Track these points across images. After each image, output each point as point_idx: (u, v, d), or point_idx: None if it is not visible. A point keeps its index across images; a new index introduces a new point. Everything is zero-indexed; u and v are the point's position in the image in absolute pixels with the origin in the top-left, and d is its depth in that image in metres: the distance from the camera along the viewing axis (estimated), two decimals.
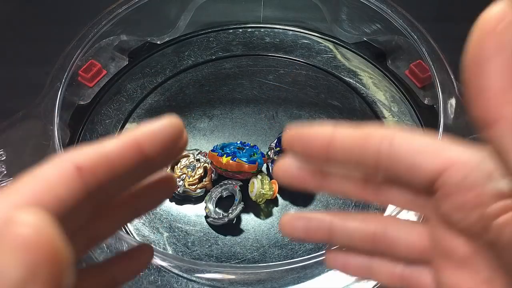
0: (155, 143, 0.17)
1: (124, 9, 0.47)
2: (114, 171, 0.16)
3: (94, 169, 0.16)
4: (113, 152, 0.16)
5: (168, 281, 0.37)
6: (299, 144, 0.19)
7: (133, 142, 0.17)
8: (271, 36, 0.55)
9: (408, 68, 0.49)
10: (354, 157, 0.18)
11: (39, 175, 0.15)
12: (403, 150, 0.18)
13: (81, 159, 0.15)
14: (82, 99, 0.49)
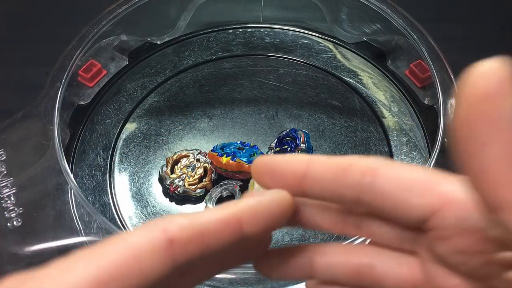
0: (258, 223, 0.16)
1: (124, 9, 0.47)
2: (207, 247, 0.15)
3: (187, 244, 0.14)
4: (210, 227, 0.15)
5: None
6: (270, 177, 0.18)
7: (233, 219, 0.15)
8: (271, 36, 0.55)
9: (408, 68, 0.49)
10: (331, 193, 0.17)
11: (130, 241, 0.14)
12: (388, 185, 0.16)
13: (175, 230, 0.14)
14: (82, 99, 0.49)
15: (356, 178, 0.16)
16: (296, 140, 0.42)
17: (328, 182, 0.17)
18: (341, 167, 0.16)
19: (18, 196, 0.38)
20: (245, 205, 0.15)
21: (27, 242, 0.36)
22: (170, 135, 0.47)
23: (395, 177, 0.16)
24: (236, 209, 0.15)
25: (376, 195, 0.16)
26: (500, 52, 0.40)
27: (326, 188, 0.17)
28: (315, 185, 0.17)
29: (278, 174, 0.17)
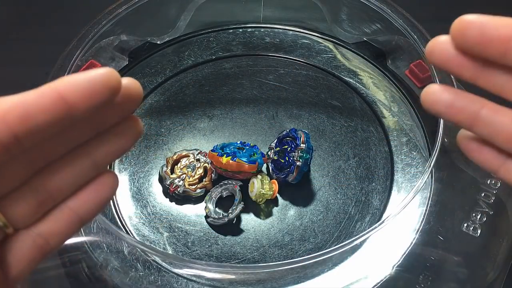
0: (80, 95, 0.15)
1: (124, 9, 0.47)
2: (32, 123, 0.15)
3: (7, 120, 0.15)
4: (29, 102, 0.15)
5: (168, 281, 0.37)
6: (475, 36, 0.17)
7: (52, 91, 0.15)
8: (271, 36, 0.55)
9: (408, 68, 0.49)
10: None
11: None
12: None
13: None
14: None
15: None
16: (296, 140, 0.42)
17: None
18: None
19: None
20: (64, 79, 0.16)
21: None
22: (170, 135, 0.47)
23: None
24: (55, 83, 0.16)
25: None
26: None
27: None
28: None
29: (486, 33, 0.17)
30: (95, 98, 0.16)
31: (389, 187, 0.43)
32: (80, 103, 0.16)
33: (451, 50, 0.18)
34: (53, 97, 0.15)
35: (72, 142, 0.18)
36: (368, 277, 0.37)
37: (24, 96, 0.15)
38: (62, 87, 0.15)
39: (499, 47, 0.17)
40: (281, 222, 0.42)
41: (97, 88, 0.16)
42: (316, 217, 0.42)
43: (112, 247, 0.38)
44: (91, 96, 0.16)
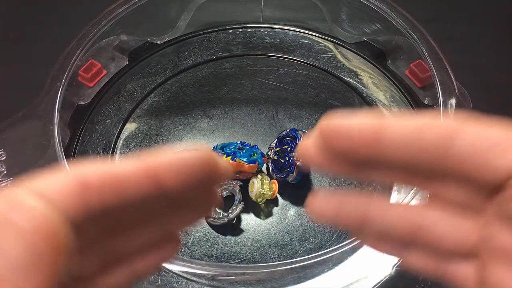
0: (175, 177, 0.15)
1: (124, 9, 0.47)
2: (123, 197, 0.15)
3: (101, 191, 0.14)
4: (124, 177, 0.15)
5: (168, 281, 0.37)
6: (339, 139, 0.17)
7: (149, 170, 0.15)
8: (271, 36, 0.55)
9: (408, 68, 0.49)
10: (406, 155, 0.16)
11: (39, 184, 0.14)
12: (469, 146, 0.15)
13: (89, 176, 0.14)
14: (82, 99, 0.49)
15: (434, 139, 0.15)
16: (296, 140, 0.42)
17: (403, 144, 0.16)
18: (417, 128, 0.16)
19: None
20: (162, 158, 0.15)
21: None
22: (170, 135, 0.47)
23: (477, 137, 0.15)
24: (153, 160, 0.15)
25: (455, 157, 0.15)
26: (500, 52, 0.40)
27: (400, 150, 0.16)
28: (388, 148, 0.16)
29: (349, 135, 0.16)
30: (189, 181, 0.16)
31: (389, 187, 0.43)
32: (174, 185, 0.16)
33: (323, 153, 0.18)
34: (148, 176, 0.15)
35: (151, 212, 0.18)
36: (368, 277, 0.37)
37: (119, 169, 0.15)
38: (158, 167, 0.15)
39: (366, 149, 0.16)
40: (281, 222, 0.42)
41: (194, 173, 0.16)
42: None
43: None
44: (186, 180, 0.16)
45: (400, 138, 0.16)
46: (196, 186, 0.16)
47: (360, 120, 0.16)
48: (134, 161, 0.15)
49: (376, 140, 0.16)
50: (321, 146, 0.17)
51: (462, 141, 0.15)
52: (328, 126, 0.17)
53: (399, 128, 0.16)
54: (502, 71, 0.55)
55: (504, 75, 0.54)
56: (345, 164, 0.18)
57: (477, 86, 0.49)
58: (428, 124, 0.16)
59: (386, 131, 0.16)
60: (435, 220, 0.18)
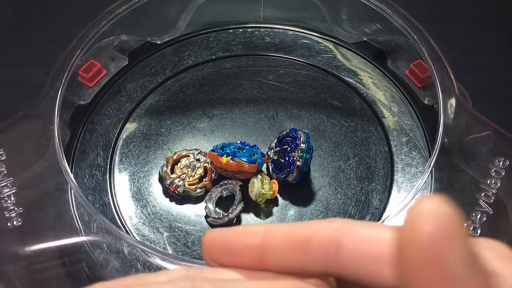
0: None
1: (124, 9, 0.47)
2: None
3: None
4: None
5: None
6: (224, 256, 0.16)
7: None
8: (271, 36, 0.55)
9: (408, 68, 0.49)
10: (294, 268, 0.15)
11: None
12: (354, 257, 0.15)
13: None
14: (82, 99, 0.49)
15: (319, 252, 0.15)
16: (296, 140, 0.42)
17: (289, 257, 0.15)
18: (300, 240, 0.15)
19: (18, 196, 0.38)
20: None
21: (27, 242, 0.36)
22: (170, 135, 0.47)
23: (361, 247, 0.15)
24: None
25: (342, 268, 0.15)
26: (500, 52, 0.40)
27: (288, 263, 0.15)
28: (275, 261, 0.16)
29: (233, 251, 0.16)
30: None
31: (389, 187, 0.43)
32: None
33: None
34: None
35: None
36: None
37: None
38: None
39: (252, 262, 0.16)
40: (281, 222, 0.42)
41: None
42: (316, 217, 0.42)
43: (112, 247, 0.38)
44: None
45: (285, 250, 0.15)
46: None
47: (242, 233, 0.16)
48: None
49: (262, 255, 0.16)
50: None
51: (346, 252, 0.15)
52: (212, 241, 0.16)
53: (283, 239, 0.15)
54: (502, 71, 0.55)
55: (504, 75, 0.54)
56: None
57: (477, 86, 0.49)
58: (311, 233, 0.15)
59: (270, 245, 0.15)
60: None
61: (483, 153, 0.39)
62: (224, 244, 0.16)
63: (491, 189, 0.37)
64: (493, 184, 0.37)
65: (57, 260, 0.37)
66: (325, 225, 0.15)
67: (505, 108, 0.51)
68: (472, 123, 0.40)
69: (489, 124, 0.40)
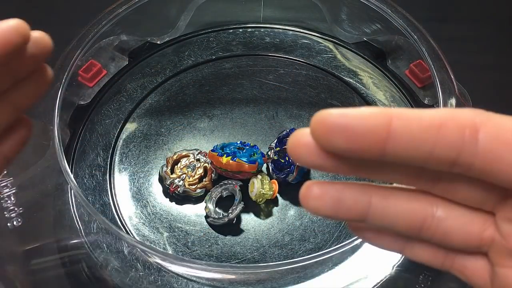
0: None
1: (124, 9, 0.47)
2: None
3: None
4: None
5: (168, 281, 0.37)
6: (342, 138, 0.14)
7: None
8: (271, 36, 0.55)
9: (408, 68, 0.49)
10: (421, 154, 0.14)
11: None
12: (494, 144, 0.14)
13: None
14: (82, 99, 0.49)
15: (454, 137, 0.14)
16: None
17: (419, 142, 0.14)
18: (434, 122, 0.14)
19: (18, 196, 0.38)
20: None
21: (27, 242, 0.36)
22: (170, 135, 0.47)
23: (501, 134, 0.14)
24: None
25: (478, 156, 0.14)
26: (500, 52, 0.40)
27: (416, 149, 0.14)
28: (401, 146, 0.14)
29: (354, 133, 0.14)
30: (8, 46, 0.18)
31: None
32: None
33: (319, 150, 0.15)
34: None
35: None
36: (368, 277, 0.37)
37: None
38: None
39: (373, 149, 0.14)
40: (281, 222, 0.42)
41: (9, 36, 0.18)
42: (316, 217, 0.42)
43: (112, 247, 0.38)
44: (5, 44, 0.18)
45: (415, 133, 0.14)
46: (17, 52, 0.19)
47: (367, 111, 0.14)
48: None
49: (387, 136, 0.14)
50: (316, 145, 0.15)
51: (486, 137, 0.14)
52: (328, 121, 0.15)
53: (413, 122, 0.14)
54: (502, 71, 0.55)
55: (504, 75, 0.54)
56: (345, 164, 0.16)
57: (477, 86, 0.49)
58: (446, 116, 0.14)
59: (398, 125, 0.14)
60: (443, 214, 0.16)
61: None
62: (345, 125, 0.14)
63: None
64: None
65: (57, 260, 0.37)
66: (462, 111, 0.14)
67: (505, 108, 0.51)
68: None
69: None
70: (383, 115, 0.14)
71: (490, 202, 0.16)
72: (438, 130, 0.14)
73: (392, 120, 0.14)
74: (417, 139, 0.14)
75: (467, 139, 0.14)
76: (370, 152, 0.14)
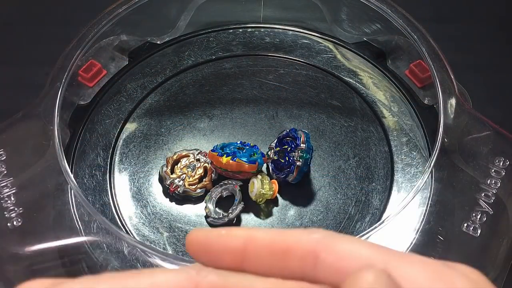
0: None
1: (124, 9, 0.47)
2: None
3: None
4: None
5: None
6: (206, 256, 0.17)
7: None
8: (271, 36, 0.55)
9: (408, 68, 0.49)
10: (274, 273, 0.16)
11: (159, 279, 0.15)
12: (331, 270, 0.15)
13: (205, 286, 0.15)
14: (82, 99, 0.49)
15: (297, 263, 0.16)
16: (296, 140, 0.42)
17: (269, 264, 0.16)
18: (280, 249, 0.16)
19: (18, 196, 0.38)
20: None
21: (27, 242, 0.36)
22: (170, 135, 0.47)
23: (338, 263, 0.15)
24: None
25: (318, 281, 0.15)
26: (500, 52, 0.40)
27: (267, 270, 0.16)
28: (255, 267, 0.16)
29: (214, 253, 0.16)
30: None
31: (389, 187, 0.43)
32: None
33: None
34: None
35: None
36: None
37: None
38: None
39: (232, 264, 0.16)
40: (281, 222, 0.42)
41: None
42: (316, 217, 0.42)
43: (112, 247, 0.38)
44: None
45: (265, 258, 0.16)
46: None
47: (225, 235, 0.16)
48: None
49: (242, 257, 0.16)
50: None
51: (324, 265, 0.15)
52: (194, 240, 0.17)
53: (264, 247, 0.16)
54: (502, 71, 0.55)
55: (504, 75, 0.54)
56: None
57: (477, 86, 0.49)
58: (291, 243, 0.16)
59: (251, 249, 0.16)
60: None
61: (483, 153, 0.39)
62: (206, 245, 0.16)
63: (491, 189, 0.37)
64: (493, 184, 0.37)
65: (57, 260, 0.37)
66: (306, 236, 0.16)
67: (505, 108, 0.51)
68: (472, 123, 0.40)
69: (489, 124, 0.40)
70: (238, 237, 0.16)
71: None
72: (283, 257, 0.16)
73: (245, 243, 0.16)
74: (268, 262, 0.16)
75: (308, 265, 0.15)
76: (233, 269, 0.16)
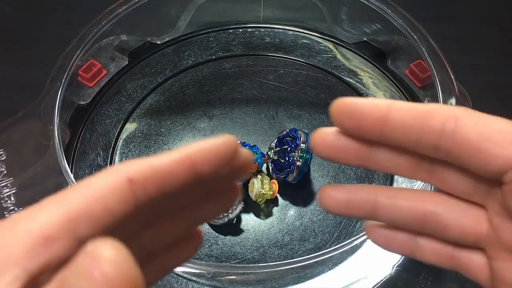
0: (208, 161, 0.16)
1: (124, 9, 0.47)
2: (165, 185, 0.16)
3: (145, 183, 0.15)
4: (165, 167, 0.16)
5: (168, 281, 0.37)
6: (349, 117, 0.18)
7: (185, 157, 0.16)
8: (271, 36, 0.55)
9: (408, 68, 0.49)
10: (411, 136, 0.17)
11: (92, 185, 0.15)
12: (470, 132, 0.16)
13: (134, 172, 0.15)
14: (82, 99, 0.49)
15: (438, 123, 0.16)
16: (296, 140, 0.42)
17: (409, 126, 0.17)
18: (422, 112, 0.17)
19: (18, 196, 0.38)
20: (196, 146, 0.16)
21: None
22: (170, 135, 0.47)
23: (478, 126, 0.16)
24: (188, 150, 0.16)
25: (456, 142, 0.16)
26: (500, 52, 0.40)
27: (406, 132, 0.17)
28: (395, 129, 0.17)
29: (359, 115, 0.18)
30: (219, 166, 0.17)
31: None
32: (207, 170, 0.17)
33: (335, 141, 0.19)
34: (187, 165, 0.16)
35: (184, 202, 0.19)
36: (368, 277, 0.37)
37: (159, 161, 0.16)
38: (194, 155, 0.16)
39: (374, 127, 0.17)
40: (281, 222, 0.42)
41: (223, 156, 0.17)
42: (316, 217, 0.42)
43: None
44: (217, 164, 0.17)
45: (407, 119, 0.17)
46: (225, 170, 0.17)
47: (371, 100, 0.18)
48: (171, 152, 0.16)
49: (385, 119, 0.17)
50: (335, 134, 0.19)
51: (463, 127, 0.16)
52: (341, 105, 0.18)
53: (406, 110, 0.17)
54: (502, 71, 0.55)
55: (504, 75, 0.54)
56: (355, 153, 0.19)
57: (477, 86, 0.49)
58: (433, 108, 0.17)
59: (394, 112, 0.17)
60: (442, 207, 0.18)
61: None
62: (354, 107, 0.18)
63: None
64: None
65: None
66: (450, 106, 0.17)
67: (505, 108, 0.51)
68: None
69: None
70: (383, 103, 0.17)
71: (479, 194, 0.18)
72: (424, 118, 0.17)
73: (390, 108, 0.17)
74: (408, 126, 0.17)
75: (446, 127, 0.16)
76: (373, 133, 0.18)
